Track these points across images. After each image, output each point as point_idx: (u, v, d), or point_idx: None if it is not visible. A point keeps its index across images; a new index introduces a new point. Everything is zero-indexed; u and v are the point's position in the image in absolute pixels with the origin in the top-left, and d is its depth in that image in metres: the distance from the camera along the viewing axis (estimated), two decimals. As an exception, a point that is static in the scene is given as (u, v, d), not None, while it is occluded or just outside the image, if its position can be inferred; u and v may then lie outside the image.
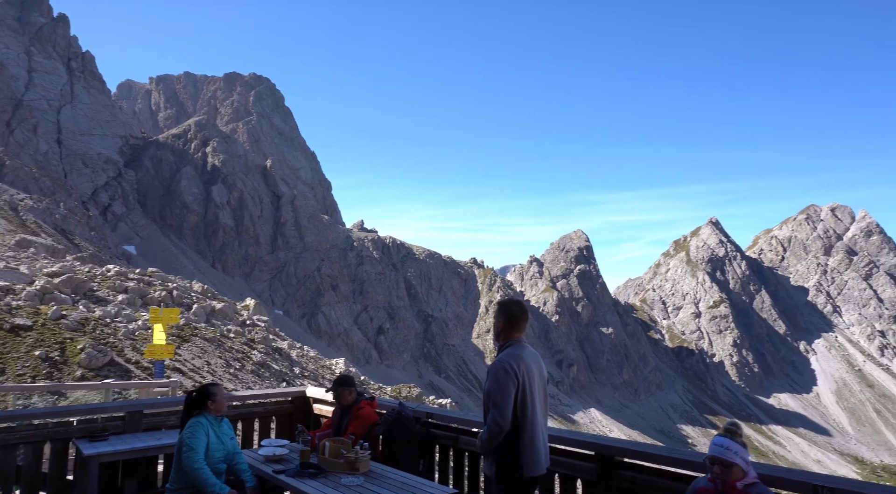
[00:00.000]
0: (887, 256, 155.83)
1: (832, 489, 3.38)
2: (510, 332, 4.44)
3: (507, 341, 4.45)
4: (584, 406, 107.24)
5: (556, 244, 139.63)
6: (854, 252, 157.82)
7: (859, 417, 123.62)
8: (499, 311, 4.50)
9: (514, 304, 4.53)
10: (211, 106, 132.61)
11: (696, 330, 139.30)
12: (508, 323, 4.45)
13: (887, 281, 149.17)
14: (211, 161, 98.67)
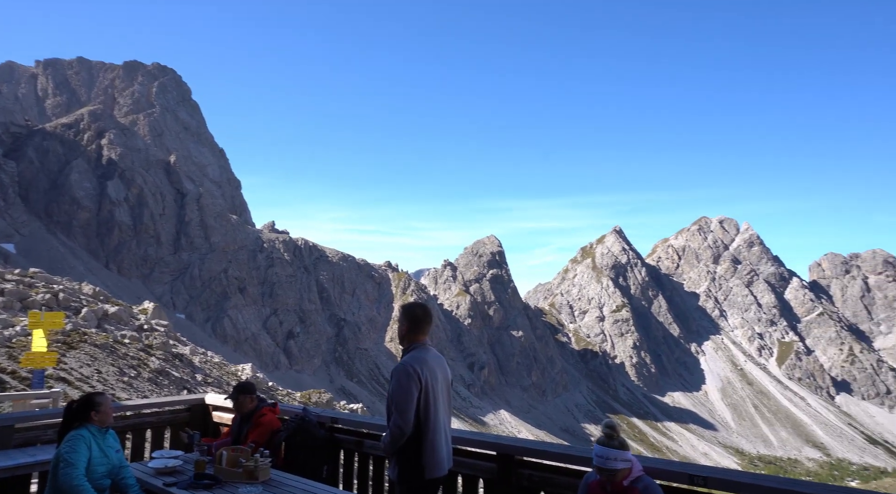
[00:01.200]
0: (766, 265, 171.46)
1: (705, 477, 3.69)
2: (414, 335, 4.49)
3: (412, 344, 4.49)
4: (495, 407, 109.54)
5: (469, 249, 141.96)
6: (738, 261, 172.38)
7: (740, 412, 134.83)
8: (402, 315, 4.53)
9: (418, 307, 4.57)
10: (108, 95, 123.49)
11: (599, 333, 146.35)
12: (412, 327, 4.49)
13: (766, 287, 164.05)
14: (107, 154, 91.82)
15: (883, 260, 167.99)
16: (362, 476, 5.53)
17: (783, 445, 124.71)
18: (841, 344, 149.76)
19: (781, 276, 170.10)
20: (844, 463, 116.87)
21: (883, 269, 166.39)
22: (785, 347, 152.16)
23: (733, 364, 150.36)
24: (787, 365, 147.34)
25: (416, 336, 4.47)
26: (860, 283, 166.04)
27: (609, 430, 3.77)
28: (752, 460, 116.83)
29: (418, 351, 4.42)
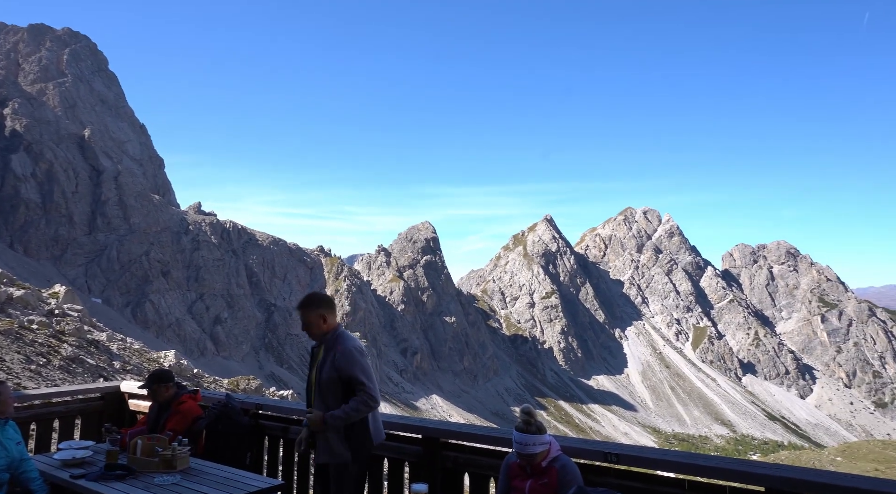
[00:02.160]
0: (684, 255, 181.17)
1: (618, 454, 3.89)
2: (335, 319, 4.57)
3: (338, 326, 4.55)
4: (427, 392, 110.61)
5: (403, 234, 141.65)
6: (660, 250, 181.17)
7: (658, 394, 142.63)
8: (319, 302, 4.59)
9: (324, 294, 4.79)
10: (11, 60, 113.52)
11: (530, 319, 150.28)
12: (333, 311, 4.60)
13: (683, 276, 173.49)
14: (10, 125, 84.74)
15: (786, 250, 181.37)
16: (288, 463, 5.46)
17: (695, 423, 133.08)
18: (748, 329, 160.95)
19: (698, 265, 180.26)
20: (748, 439, 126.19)
21: (785, 260, 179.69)
22: (699, 332, 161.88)
23: (653, 348, 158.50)
24: (701, 349, 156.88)
25: (335, 319, 4.62)
26: (766, 272, 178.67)
27: (526, 416, 3.88)
28: (668, 438, 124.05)
29: (344, 331, 4.60)
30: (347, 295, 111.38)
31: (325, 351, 4.51)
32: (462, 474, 4.62)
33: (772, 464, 3.63)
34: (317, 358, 4.59)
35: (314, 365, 4.59)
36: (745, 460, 3.89)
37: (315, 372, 4.55)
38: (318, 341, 4.58)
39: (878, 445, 61.70)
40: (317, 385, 4.50)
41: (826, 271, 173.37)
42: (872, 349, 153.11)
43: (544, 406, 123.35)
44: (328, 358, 4.48)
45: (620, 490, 3.75)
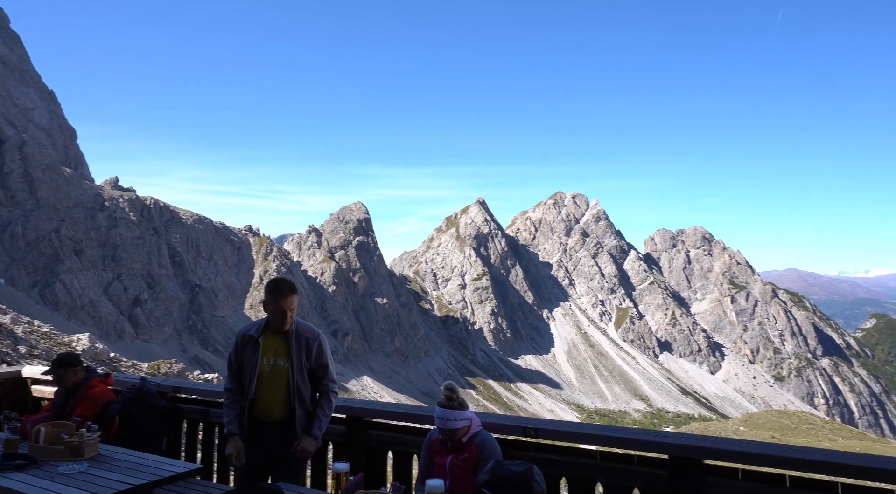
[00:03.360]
0: (610, 239, 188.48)
1: (536, 429, 4.05)
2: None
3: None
4: (358, 374, 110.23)
5: (335, 215, 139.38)
6: (587, 234, 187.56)
7: (583, 372, 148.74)
8: (291, 289, 4.43)
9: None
10: None
11: (461, 301, 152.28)
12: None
13: (608, 259, 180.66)
14: None
15: (702, 236, 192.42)
16: (207, 447, 5.33)
17: (616, 399, 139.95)
18: (666, 310, 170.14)
19: (622, 249, 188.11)
20: (663, 412, 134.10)
21: (701, 244, 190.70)
22: (622, 313, 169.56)
23: (578, 328, 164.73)
24: (623, 329, 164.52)
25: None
26: (683, 256, 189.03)
27: (449, 392, 3.98)
28: (590, 414, 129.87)
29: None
30: (277, 275, 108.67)
31: (293, 339, 4.36)
32: (385, 452, 4.67)
33: (673, 434, 3.91)
34: (272, 346, 4.37)
35: (266, 354, 4.37)
36: (650, 430, 4.16)
37: (278, 361, 4.36)
38: (282, 329, 4.35)
39: (775, 415, 67.24)
40: (291, 375, 4.34)
41: (736, 255, 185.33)
42: (774, 327, 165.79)
43: (474, 385, 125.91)
44: (300, 345, 4.35)
45: (539, 462, 3.90)
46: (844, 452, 3.49)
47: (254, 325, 4.49)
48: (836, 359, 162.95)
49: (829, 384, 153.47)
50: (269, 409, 4.35)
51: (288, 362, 4.34)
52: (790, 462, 3.42)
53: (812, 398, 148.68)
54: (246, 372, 4.38)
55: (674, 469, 3.69)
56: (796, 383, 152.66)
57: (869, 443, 47.55)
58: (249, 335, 4.42)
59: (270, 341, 4.38)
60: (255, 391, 4.34)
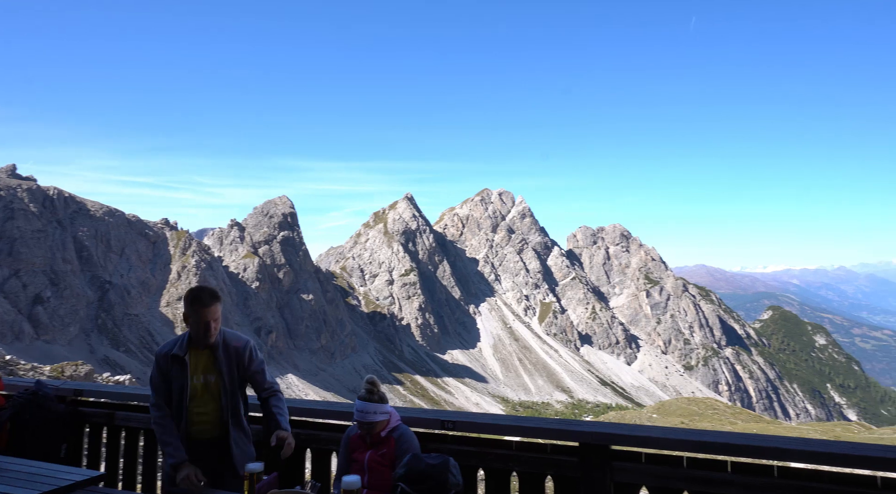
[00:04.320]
0: (534, 235, 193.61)
1: (454, 421, 4.12)
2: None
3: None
4: (282, 372, 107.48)
5: (259, 209, 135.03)
6: (513, 230, 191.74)
7: (508, 365, 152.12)
8: (213, 297, 4.17)
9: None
10: None
11: (388, 296, 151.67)
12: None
13: (533, 255, 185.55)
14: None
15: (620, 233, 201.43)
16: (112, 452, 5.04)
17: (539, 391, 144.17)
18: (587, 304, 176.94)
19: (546, 245, 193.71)
20: (583, 403, 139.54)
21: (620, 241, 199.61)
22: (545, 307, 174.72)
23: (504, 323, 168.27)
24: (546, 323, 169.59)
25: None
26: (603, 252, 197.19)
27: (370, 386, 4.00)
28: (515, 406, 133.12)
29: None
30: (196, 271, 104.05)
31: (221, 352, 4.13)
32: (304, 450, 4.61)
33: (583, 422, 4.10)
34: (200, 363, 4.12)
35: (196, 372, 4.12)
36: (562, 419, 4.34)
37: (208, 377, 4.12)
38: (206, 342, 4.10)
39: (684, 402, 71.58)
40: (224, 392, 4.12)
41: (652, 252, 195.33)
42: (684, 320, 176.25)
43: (401, 381, 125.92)
44: (229, 358, 4.14)
45: (456, 454, 3.99)
46: (733, 433, 3.79)
47: (175, 342, 4.19)
48: (737, 349, 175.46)
49: (732, 372, 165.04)
50: (203, 427, 4.15)
51: (219, 377, 4.12)
52: (687, 444, 3.68)
53: (717, 385, 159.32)
54: (175, 393, 4.12)
55: (584, 456, 3.87)
56: (703, 372, 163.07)
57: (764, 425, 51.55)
58: (173, 354, 4.12)
59: (198, 357, 4.14)
60: (187, 411, 4.12)
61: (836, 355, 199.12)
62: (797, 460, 3.53)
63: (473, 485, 4.17)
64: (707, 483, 3.62)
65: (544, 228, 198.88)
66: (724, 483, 3.58)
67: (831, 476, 3.42)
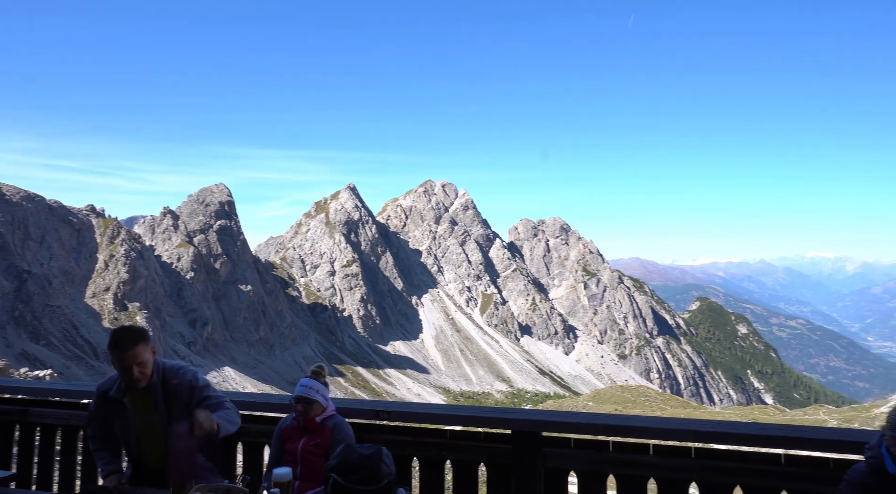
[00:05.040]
0: (477, 227, 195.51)
1: (389, 412, 4.15)
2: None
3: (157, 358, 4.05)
4: (218, 365, 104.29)
5: (194, 196, 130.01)
6: (456, 222, 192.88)
7: (449, 356, 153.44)
8: (134, 339, 3.84)
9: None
10: None
11: (330, 288, 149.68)
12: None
13: (475, 247, 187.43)
14: None
15: (560, 226, 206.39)
16: (25, 451, 4.77)
17: (480, 381, 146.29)
18: (527, 295, 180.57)
19: (488, 237, 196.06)
20: (523, 392, 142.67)
21: (559, 234, 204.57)
22: (487, 298, 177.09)
23: (446, 314, 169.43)
24: (488, 314, 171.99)
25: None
26: (543, 245, 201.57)
27: (318, 368, 4.04)
28: (456, 396, 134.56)
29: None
30: (125, 261, 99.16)
31: (159, 391, 3.85)
32: (235, 445, 4.51)
33: (516, 410, 4.21)
34: (139, 404, 3.85)
35: (137, 414, 3.85)
36: (495, 408, 4.45)
37: (149, 419, 3.86)
38: (136, 386, 3.78)
39: (618, 390, 74.45)
40: (168, 432, 3.79)
41: (589, 245, 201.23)
42: (619, 311, 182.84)
43: (342, 372, 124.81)
44: (168, 396, 3.85)
45: (391, 444, 4.00)
46: (654, 418, 4.00)
47: (114, 381, 3.91)
48: (668, 338, 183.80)
49: (662, 360, 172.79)
50: (162, 465, 3.88)
51: (160, 418, 3.87)
52: (612, 429, 3.85)
53: (649, 373, 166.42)
54: (121, 432, 3.92)
55: (516, 443, 3.98)
56: (636, 360, 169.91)
57: (691, 410, 54.35)
58: (111, 396, 3.86)
59: (136, 398, 3.86)
60: (137, 451, 3.92)
61: (756, 343, 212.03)
62: (712, 441, 3.76)
63: (408, 474, 4.21)
64: (631, 465, 3.80)
65: (486, 220, 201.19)
66: (646, 465, 3.77)
67: (741, 455, 3.66)
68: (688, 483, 3.72)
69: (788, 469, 3.55)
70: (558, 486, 3.94)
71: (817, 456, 3.57)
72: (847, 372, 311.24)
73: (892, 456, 2.83)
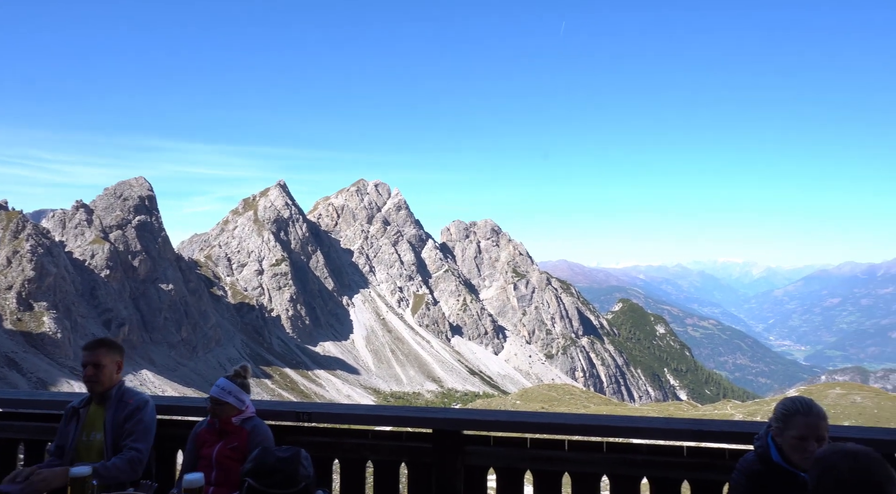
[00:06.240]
0: (409, 228, 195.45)
1: (309, 413, 4.10)
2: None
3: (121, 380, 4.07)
4: (135, 368, 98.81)
5: (111, 190, 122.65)
6: (388, 222, 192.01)
7: (380, 357, 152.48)
8: (102, 342, 3.90)
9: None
10: None
11: (257, 287, 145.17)
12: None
13: (408, 247, 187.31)
14: None
15: (491, 228, 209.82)
16: None
17: (410, 382, 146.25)
18: (458, 296, 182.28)
19: (420, 238, 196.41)
20: (453, 392, 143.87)
21: (490, 236, 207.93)
22: (418, 299, 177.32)
23: (377, 314, 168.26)
24: (419, 314, 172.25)
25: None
26: (475, 246, 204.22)
27: (240, 369, 3.93)
28: (386, 397, 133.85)
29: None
30: (31, 257, 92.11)
31: (113, 408, 3.77)
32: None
33: (438, 409, 4.27)
34: (92, 419, 3.77)
35: (86, 428, 3.74)
36: (416, 407, 4.49)
37: (95, 436, 3.74)
38: (92, 389, 3.77)
39: (545, 388, 76.51)
40: (106, 453, 3.70)
41: (519, 246, 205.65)
42: (547, 311, 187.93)
43: (269, 374, 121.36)
44: (118, 415, 3.76)
45: (312, 446, 3.96)
46: (569, 414, 4.16)
47: (84, 395, 3.95)
48: (592, 338, 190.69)
49: (587, 359, 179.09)
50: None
51: (104, 436, 3.75)
52: (530, 426, 3.98)
53: (574, 372, 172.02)
54: (65, 449, 3.77)
55: (437, 442, 4.03)
56: (563, 360, 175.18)
57: (612, 407, 56.60)
58: (72, 406, 3.86)
59: (93, 412, 3.82)
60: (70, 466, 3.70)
61: (672, 342, 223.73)
62: (622, 436, 3.97)
63: (329, 476, 4.18)
64: (547, 461, 3.94)
65: (419, 221, 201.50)
66: (561, 460, 3.93)
67: (648, 448, 3.88)
68: (599, 477, 3.90)
69: (690, 460, 3.80)
70: (478, 483, 4.03)
71: (716, 448, 3.84)
72: (752, 369, 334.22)
73: (776, 446, 3.08)
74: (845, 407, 40.25)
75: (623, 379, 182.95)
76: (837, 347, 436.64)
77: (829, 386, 50.73)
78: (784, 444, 3.02)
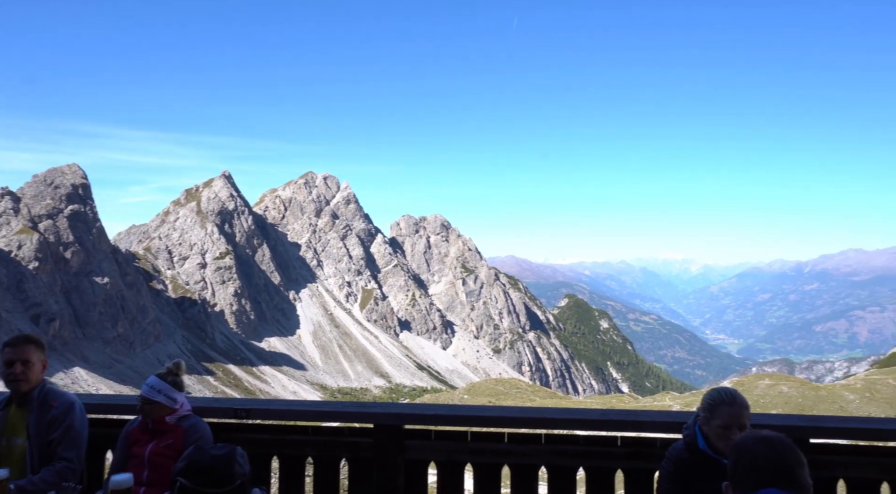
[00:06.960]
0: (359, 222, 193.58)
1: (248, 410, 4.02)
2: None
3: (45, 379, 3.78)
4: (67, 365, 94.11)
5: (41, 177, 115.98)
6: (337, 216, 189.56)
7: (328, 352, 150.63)
8: (25, 339, 3.66)
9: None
10: None
11: (200, 281, 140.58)
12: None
13: (357, 241, 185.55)
14: None
15: (441, 223, 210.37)
16: None
17: (358, 377, 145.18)
18: (407, 291, 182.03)
19: (369, 232, 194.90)
20: (401, 387, 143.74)
21: (440, 231, 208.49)
22: (367, 294, 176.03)
23: (325, 309, 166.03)
24: (368, 309, 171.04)
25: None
26: (424, 241, 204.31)
27: (173, 367, 3.81)
28: (334, 393, 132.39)
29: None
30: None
31: (35, 410, 3.53)
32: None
33: (379, 404, 4.27)
34: (12, 422, 3.54)
35: (6, 432, 3.51)
36: (357, 402, 4.48)
37: (16, 441, 3.49)
38: (15, 389, 3.53)
39: (492, 383, 77.47)
40: (29, 459, 3.47)
41: (468, 242, 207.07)
42: (495, 307, 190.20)
43: (212, 371, 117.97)
44: (42, 417, 3.52)
45: (249, 443, 3.88)
46: (508, 407, 4.24)
47: (5, 395, 3.70)
48: (539, 333, 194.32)
49: (533, 354, 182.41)
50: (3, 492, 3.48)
51: (26, 442, 3.51)
52: (470, 419, 4.03)
53: (521, 366, 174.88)
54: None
55: (377, 436, 4.03)
56: (510, 354, 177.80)
57: (557, 400, 57.92)
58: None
59: (13, 415, 3.58)
60: None
61: (615, 337, 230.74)
62: (560, 427, 4.08)
63: (268, 474, 4.11)
64: (488, 453, 4.01)
65: (369, 215, 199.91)
66: (501, 453, 4.00)
67: (584, 439, 4.00)
68: (538, 468, 4.00)
69: (624, 450, 3.94)
70: (419, 477, 4.05)
71: (648, 437, 4.00)
72: (689, 362, 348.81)
73: (703, 434, 3.25)
74: (773, 396, 42.59)
75: (568, 373, 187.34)
76: (767, 340, 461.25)
77: (759, 377, 53.55)
78: (710, 433, 3.20)
